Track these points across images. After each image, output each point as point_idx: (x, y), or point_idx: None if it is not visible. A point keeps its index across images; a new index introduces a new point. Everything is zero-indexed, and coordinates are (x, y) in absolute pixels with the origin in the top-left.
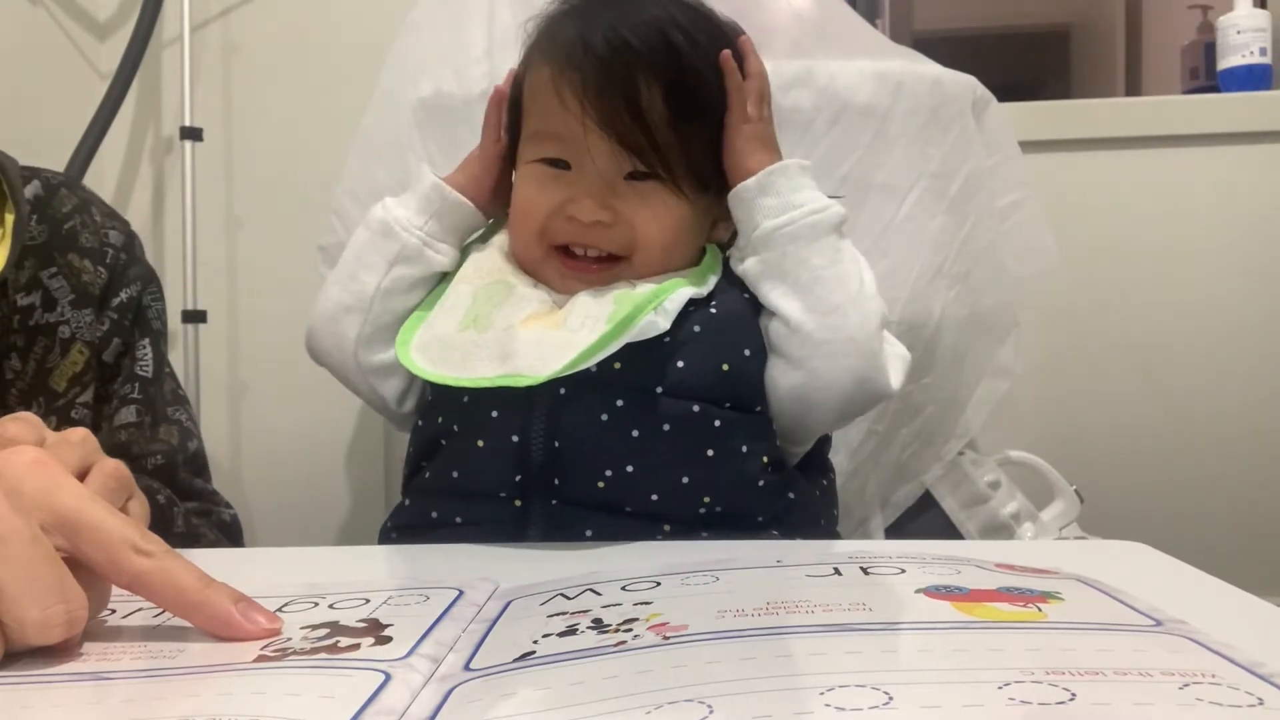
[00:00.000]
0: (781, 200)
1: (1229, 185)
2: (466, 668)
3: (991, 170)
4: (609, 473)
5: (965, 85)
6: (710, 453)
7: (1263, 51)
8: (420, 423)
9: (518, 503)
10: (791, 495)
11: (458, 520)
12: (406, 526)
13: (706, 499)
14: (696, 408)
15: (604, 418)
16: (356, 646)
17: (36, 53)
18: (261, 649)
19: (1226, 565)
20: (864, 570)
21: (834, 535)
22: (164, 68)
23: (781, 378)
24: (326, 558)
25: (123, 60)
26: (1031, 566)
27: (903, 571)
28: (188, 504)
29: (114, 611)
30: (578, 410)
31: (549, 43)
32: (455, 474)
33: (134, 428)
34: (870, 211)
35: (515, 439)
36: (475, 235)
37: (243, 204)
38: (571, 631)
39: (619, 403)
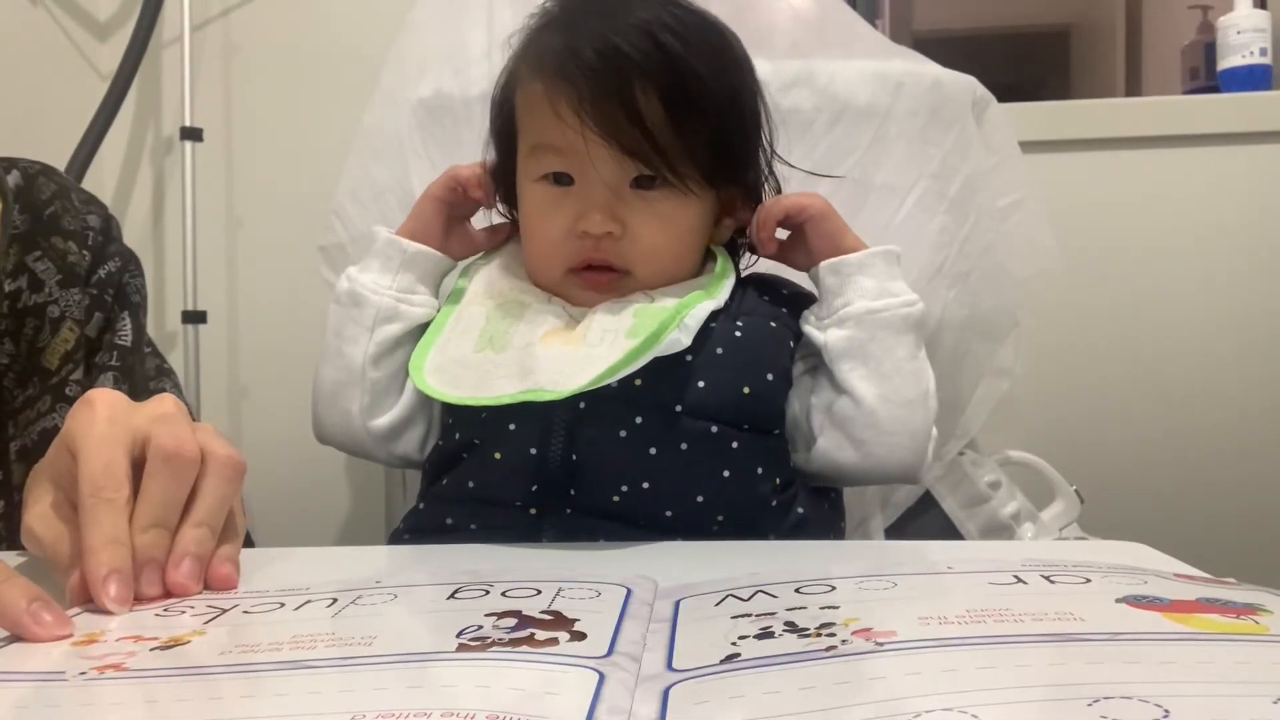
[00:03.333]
0: (879, 285)
1: (1229, 185)
2: (670, 668)
3: (991, 170)
4: (625, 488)
5: (965, 86)
6: (726, 473)
7: (1263, 52)
8: (440, 442)
9: (533, 511)
10: (801, 510)
11: (472, 527)
12: (420, 530)
13: (720, 517)
14: (715, 428)
15: (623, 434)
16: (555, 641)
17: (36, 53)
18: (459, 636)
19: (1226, 566)
20: (1048, 579)
21: None
22: (164, 68)
23: (836, 452)
24: (351, 557)
25: (123, 60)
26: (1204, 576)
27: (1088, 581)
28: None
29: (339, 599)
30: (597, 425)
31: (536, 56)
32: (471, 484)
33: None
34: (870, 212)
35: (533, 451)
36: (478, 256)
37: (243, 204)
38: (768, 634)
39: (638, 420)
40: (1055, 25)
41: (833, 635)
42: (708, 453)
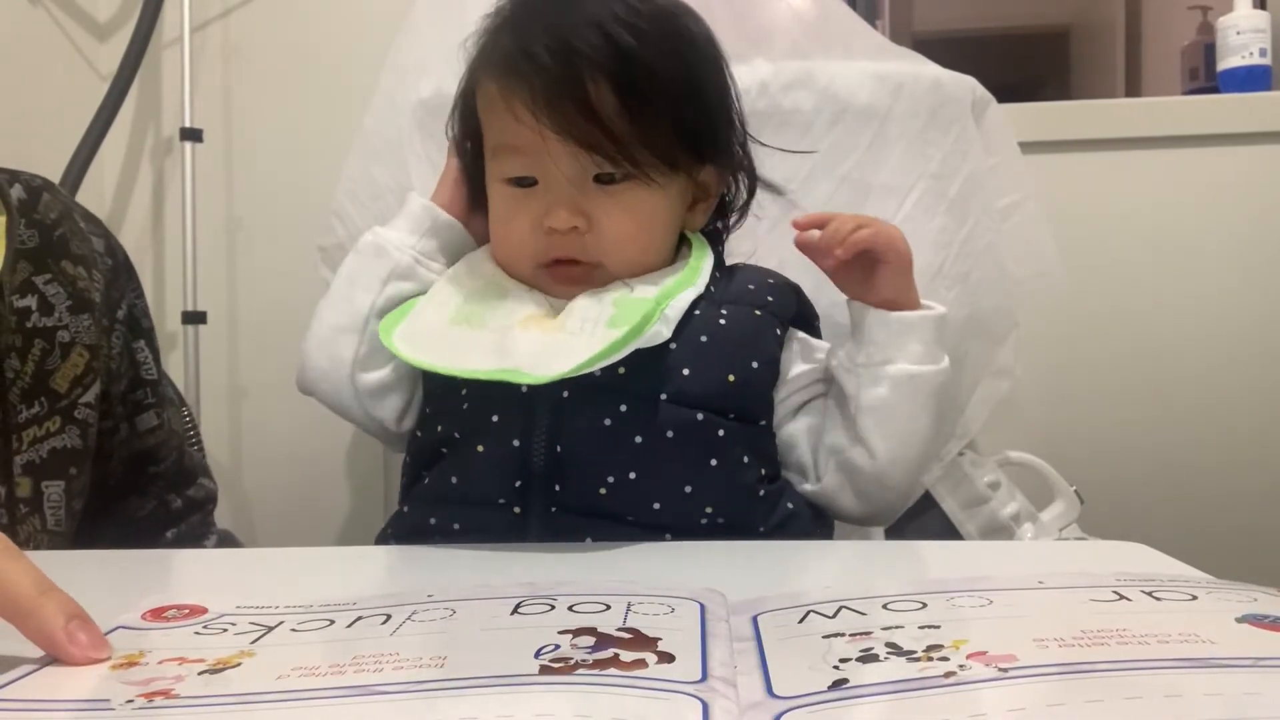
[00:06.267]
0: (927, 350)
1: (1229, 186)
2: (771, 694)
3: (991, 171)
4: (611, 479)
5: (965, 86)
6: (713, 463)
7: (1262, 52)
8: (419, 433)
9: (517, 510)
10: (790, 505)
11: (456, 527)
12: (404, 534)
13: (709, 509)
14: (700, 416)
15: (607, 423)
16: (642, 663)
17: (36, 53)
18: (538, 657)
19: (1226, 566)
20: (1151, 595)
21: None
22: (164, 68)
23: (838, 495)
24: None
25: (123, 61)
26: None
27: (1194, 598)
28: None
29: (393, 615)
30: (581, 415)
31: (490, 58)
32: (454, 480)
33: (158, 430)
34: (870, 212)
35: (516, 443)
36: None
37: (243, 205)
38: (871, 656)
39: (622, 408)
40: (1055, 25)
41: (945, 660)
42: (693, 441)
